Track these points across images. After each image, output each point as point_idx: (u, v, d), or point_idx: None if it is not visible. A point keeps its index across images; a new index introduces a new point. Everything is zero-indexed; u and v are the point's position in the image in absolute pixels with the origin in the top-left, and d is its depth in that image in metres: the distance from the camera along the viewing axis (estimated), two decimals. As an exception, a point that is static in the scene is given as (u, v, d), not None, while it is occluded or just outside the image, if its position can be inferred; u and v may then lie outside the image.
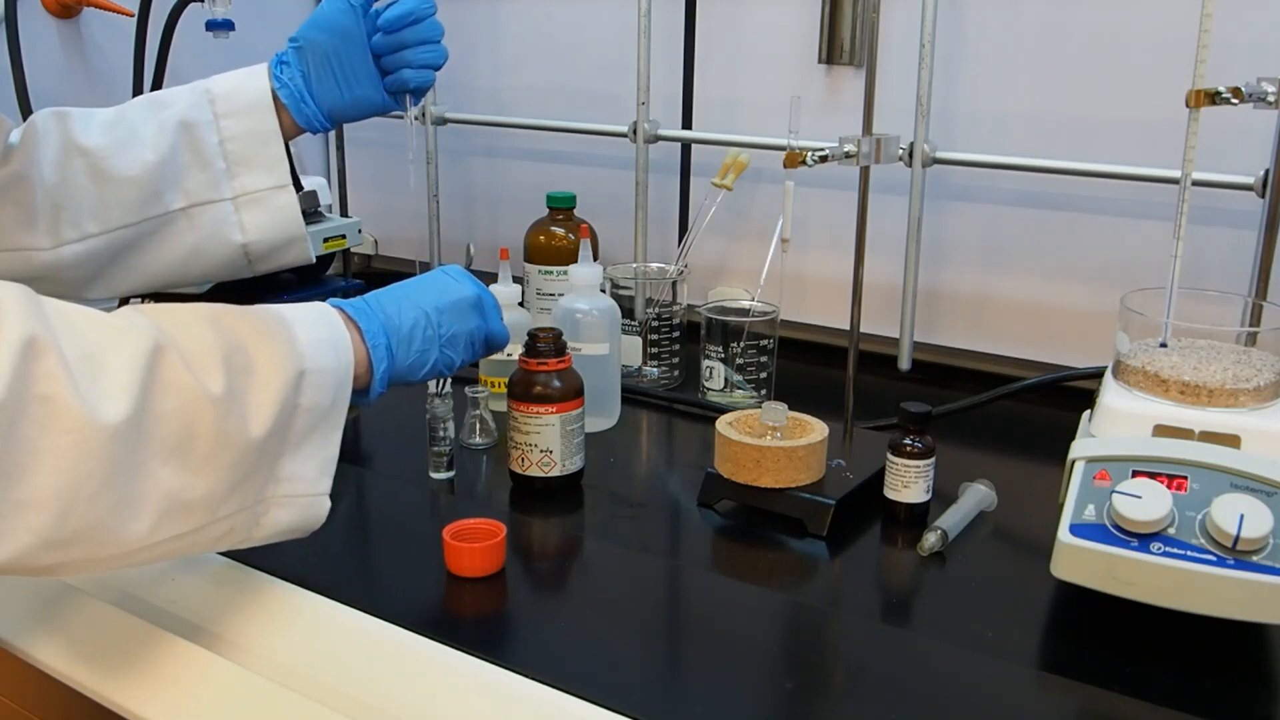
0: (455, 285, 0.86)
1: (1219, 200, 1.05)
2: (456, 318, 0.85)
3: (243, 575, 0.80)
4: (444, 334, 0.83)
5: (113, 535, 0.60)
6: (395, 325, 0.80)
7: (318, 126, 1.01)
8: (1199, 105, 0.82)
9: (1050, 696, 0.70)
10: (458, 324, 0.85)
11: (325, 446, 0.72)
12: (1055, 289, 1.20)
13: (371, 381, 0.79)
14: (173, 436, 0.62)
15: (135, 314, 0.65)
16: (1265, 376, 0.79)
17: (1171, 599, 0.70)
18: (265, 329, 0.70)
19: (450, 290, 0.86)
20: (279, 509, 0.71)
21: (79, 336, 0.59)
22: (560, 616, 0.77)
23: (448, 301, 0.84)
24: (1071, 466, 0.78)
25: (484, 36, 1.56)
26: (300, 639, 0.73)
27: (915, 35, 1.14)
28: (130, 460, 0.59)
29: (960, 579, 0.84)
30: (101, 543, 0.60)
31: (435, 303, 0.84)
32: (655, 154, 1.38)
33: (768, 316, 1.15)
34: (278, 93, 0.99)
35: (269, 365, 0.68)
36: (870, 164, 0.98)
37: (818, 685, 0.69)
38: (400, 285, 0.85)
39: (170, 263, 0.99)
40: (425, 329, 0.82)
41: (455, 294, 0.85)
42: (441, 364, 0.84)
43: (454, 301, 0.85)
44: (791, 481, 0.90)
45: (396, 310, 0.81)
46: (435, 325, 0.83)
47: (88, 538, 0.59)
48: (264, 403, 0.67)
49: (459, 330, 0.85)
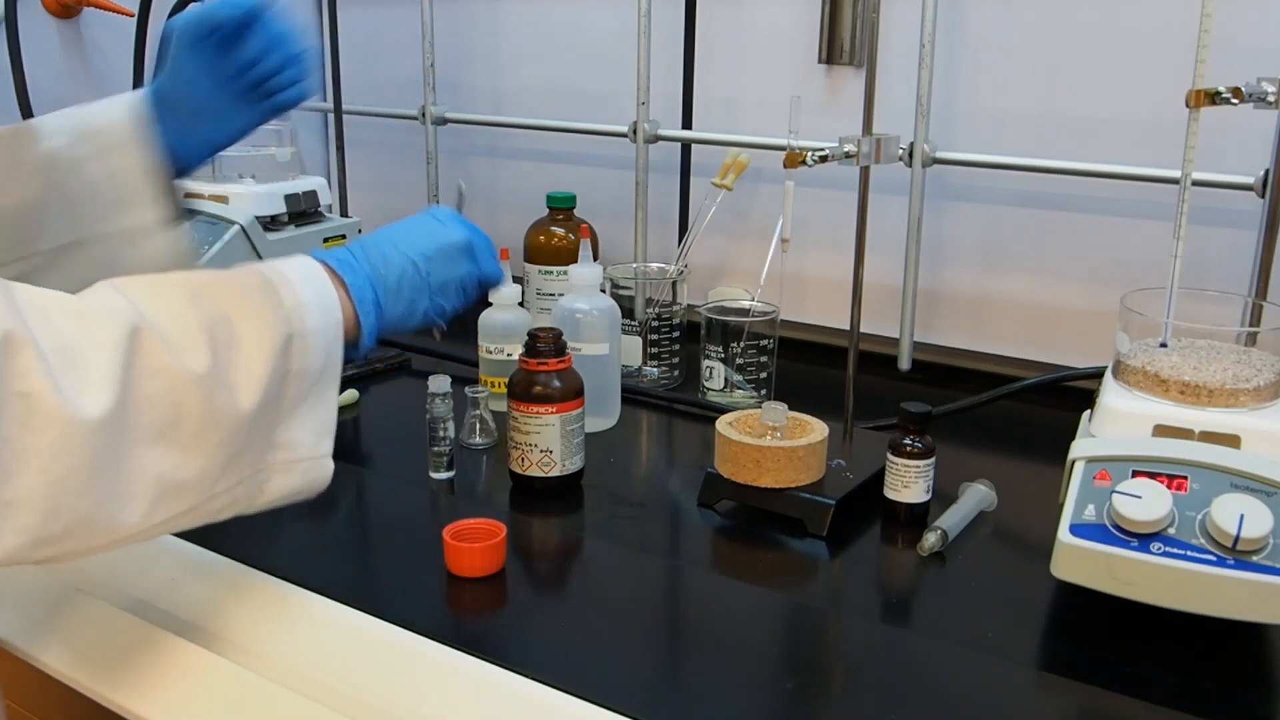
0: (443, 229, 0.82)
1: (1219, 200, 1.05)
2: (446, 264, 0.81)
3: (243, 576, 0.80)
4: (434, 282, 0.80)
5: (107, 525, 0.59)
6: (382, 275, 0.77)
7: (194, 165, 0.92)
8: (1199, 105, 0.82)
9: (1050, 696, 0.70)
10: (448, 270, 0.81)
11: (320, 408, 0.71)
12: (1055, 289, 1.20)
13: (360, 336, 0.76)
14: (159, 420, 0.60)
15: (111, 293, 0.63)
16: (1265, 376, 0.79)
17: (1171, 599, 0.70)
18: (248, 295, 0.68)
19: (439, 234, 0.82)
20: (280, 475, 0.70)
21: (54, 327, 0.58)
22: (560, 616, 0.77)
23: (436, 247, 0.81)
24: (1071, 466, 0.78)
25: (484, 36, 1.56)
26: (300, 639, 0.73)
27: (915, 35, 1.14)
28: (116, 450, 0.58)
29: (960, 579, 0.84)
30: (97, 533, 0.59)
31: (423, 249, 0.80)
32: (655, 154, 1.38)
33: (768, 316, 1.15)
34: (156, 133, 0.87)
35: (254, 335, 0.66)
36: (870, 164, 0.98)
37: (818, 685, 0.69)
38: (386, 230, 0.82)
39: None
40: (414, 278, 0.79)
41: (444, 238, 0.82)
42: (433, 312, 0.81)
43: (443, 247, 0.81)
44: (791, 481, 0.90)
45: (383, 260, 0.78)
46: (424, 273, 0.79)
47: (81, 530, 0.58)
48: (251, 375, 0.65)
49: (449, 277, 0.81)
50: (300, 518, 0.91)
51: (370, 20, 1.67)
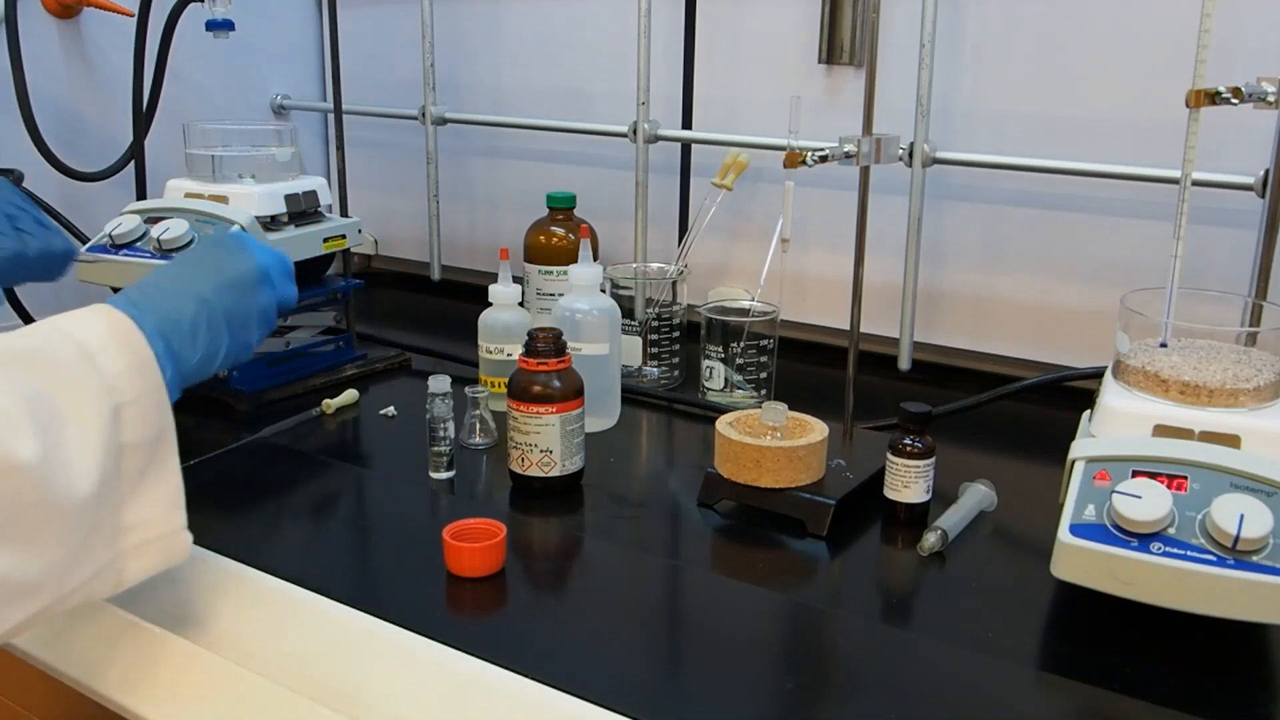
0: (231, 259, 0.76)
1: (1219, 200, 1.05)
2: (241, 296, 0.74)
3: (243, 575, 0.80)
4: (231, 318, 0.73)
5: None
6: (174, 322, 0.70)
7: None
8: (1199, 105, 0.82)
9: (1050, 696, 0.70)
10: (244, 302, 0.75)
11: (165, 478, 0.66)
12: (1055, 289, 1.20)
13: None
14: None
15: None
16: (1265, 376, 0.79)
17: (1171, 599, 0.70)
18: (65, 366, 0.61)
19: (227, 265, 0.75)
20: (136, 559, 0.64)
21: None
22: (560, 616, 0.77)
23: (227, 279, 0.74)
24: (1071, 466, 0.78)
25: (484, 36, 1.56)
26: (300, 639, 0.73)
27: (915, 35, 1.14)
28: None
29: (960, 579, 0.84)
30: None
31: (214, 282, 0.73)
32: (655, 154, 1.38)
33: (768, 316, 1.15)
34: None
35: (79, 410, 0.60)
36: (870, 164, 0.98)
37: (818, 685, 0.69)
38: (169, 269, 0.74)
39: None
40: (209, 317, 0.72)
41: (235, 269, 0.75)
42: (236, 350, 0.74)
43: (235, 279, 0.75)
44: (791, 481, 0.90)
45: (172, 304, 0.70)
46: (219, 311, 0.72)
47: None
48: (85, 455, 0.59)
49: (248, 310, 0.75)
50: (300, 518, 0.91)
51: (370, 20, 1.67)
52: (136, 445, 0.63)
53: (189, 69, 1.44)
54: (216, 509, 0.90)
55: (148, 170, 1.36)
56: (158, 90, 1.33)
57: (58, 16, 1.40)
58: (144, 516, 0.64)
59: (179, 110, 1.36)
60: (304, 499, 0.92)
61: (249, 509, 0.93)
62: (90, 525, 0.60)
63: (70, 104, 1.42)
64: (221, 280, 0.74)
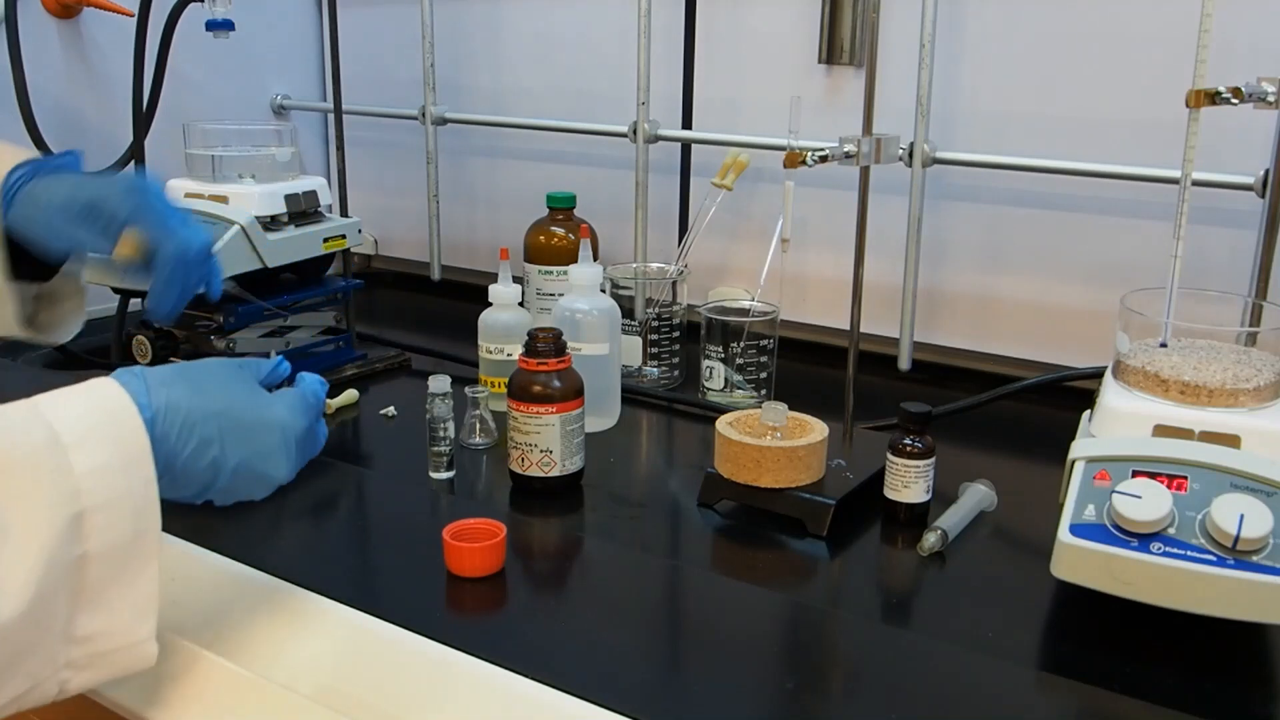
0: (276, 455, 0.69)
1: (1219, 200, 1.05)
2: (254, 483, 0.69)
3: (242, 575, 0.80)
4: (236, 488, 0.68)
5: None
6: (175, 453, 0.64)
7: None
8: (1199, 105, 0.82)
9: (1050, 696, 0.69)
10: (253, 486, 0.69)
11: (137, 585, 0.59)
12: (1055, 289, 1.20)
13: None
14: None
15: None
16: (1265, 376, 0.79)
17: (1171, 599, 0.70)
18: (24, 466, 0.55)
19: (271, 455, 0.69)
20: (85, 671, 0.59)
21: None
22: (560, 616, 0.77)
23: (261, 467, 0.69)
24: (1071, 466, 0.78)
25: (484, 36, 1.56)
26: (299, 639, 0.73)
27: (915, 35, 1.14)
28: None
29: (960, 579, 0.84)
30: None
31: (244, 458, 0.67)
32: (655, 154, 1.38)
33: (768, 316, 1.15)
34: None
35: (28, 521, 0.54)
36: (870, 164, 0.98)
37: (818, 685, 0.69)
38: (217, 402, 0.66)
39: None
40: (209, 481, 0.66)
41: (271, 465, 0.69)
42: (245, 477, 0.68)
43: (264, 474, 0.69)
44: (791, 481, 0.90)
45: (185, 441, 0.64)
46: (226, 484, 0.67)
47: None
48: (19, 572, 0.54)
49: (252, 489, 0.70)
50: (300, 518, 0.91)
51: (370, 20, 1.67)
52: (102, 553, 0.57)
53: (189, 69, 1.44)
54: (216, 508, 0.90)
55: (148, 170, 1.36)
56: (158, 90, 1.33)
57: (58, 16, 1.40)
58: (103, 627, 0.58)
59: (179, 110, 1.36)
60: (304, 499, 0.92)
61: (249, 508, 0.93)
62: (19, 646, 0.54)
63: (70, 104, 1.42)
64: (257, 462, 0.68)
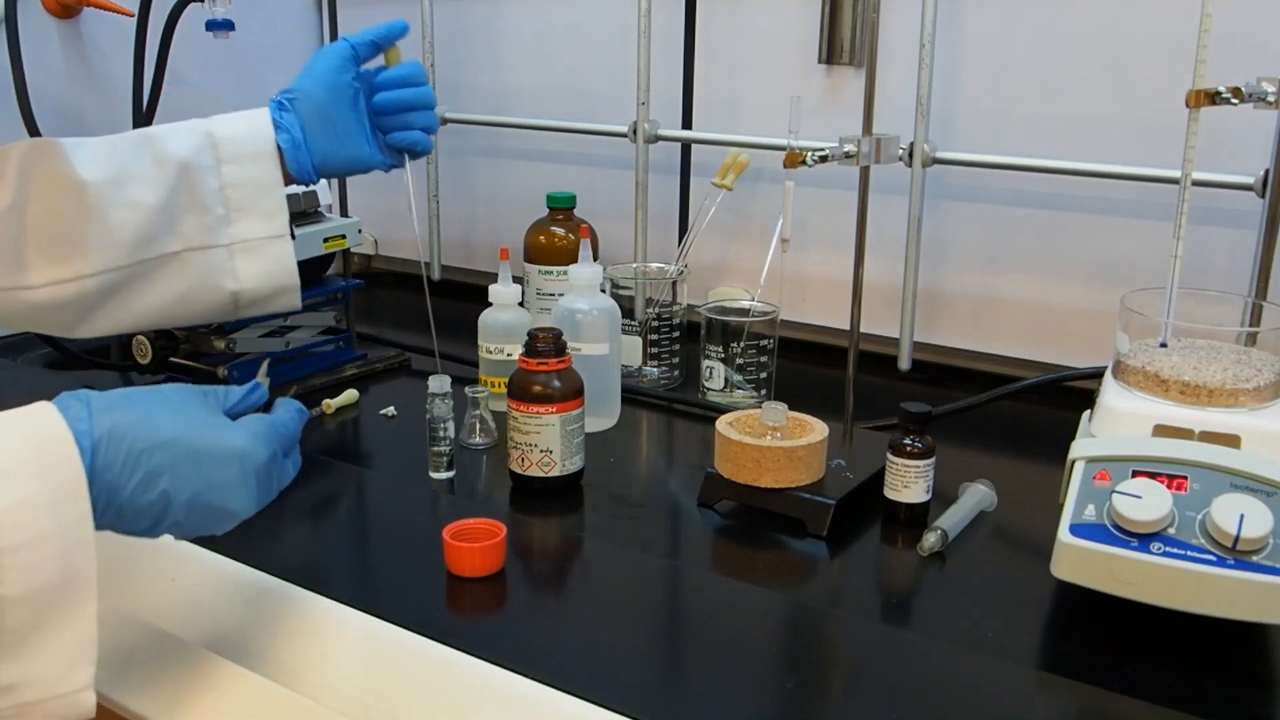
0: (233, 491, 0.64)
1: (1219, 200, 1.05)
2: (208, 517, 0.63)
3: (242, 575, 0.80)
4: (188, 523, 0.62)
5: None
6: (117, 486, 0.59)
7: (308, 179, 0.96)
8: (1199, 105, 0.82)
9: (1050, 696, 0.70)
10: (207, 520, 0.63)
11: (68, 629, 0.55)
12: (1055, 289, 1.20)
13: None
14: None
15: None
16: (1265, 376, 0.79)
17: (1171, 599, 0.70)
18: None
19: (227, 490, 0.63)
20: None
21: None
22: (560, 616, 0.77)
23: (213, 500, 0.62)
24: (1071, 466, 0.78)
25: (484, 36, 1.56)
26: (298, 639, 0.73)
27: (915, 35, 1.14)
28: None
29: (960, 579, 0.84)
30: None
31: (196, 491, 0.61)
32: (655, 154, 1.38)
33: (768, 316, 1.15)
34: (279, 141, 0.93)
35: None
36: (870, 164, 0.98)
37: (818, 685, 0.69)
38: (168, 427, 0.61)
39: (159, 305, 0.92)
40: (158, 511, 0.61)
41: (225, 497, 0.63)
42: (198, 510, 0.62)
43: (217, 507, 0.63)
44: (791, 481, 0.90)
45: (131, 469, 0.59)
46: (174, 516, 0.61)
47: None
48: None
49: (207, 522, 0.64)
50: (300, 518, 0.91)
51: (370, 20, 1.66)
52: (23, 596, 0.53)
53: (189, 69, 1.44)
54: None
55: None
56: (158, 90, 1.33)
57: (58, 16, 1.40)
58: (29, 676, 0.54)
59: (179, 110, 1.36)
60: (304, 499, 0.92)
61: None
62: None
63: (70, 104, 1.42)
64: (209, 495, 0.62)
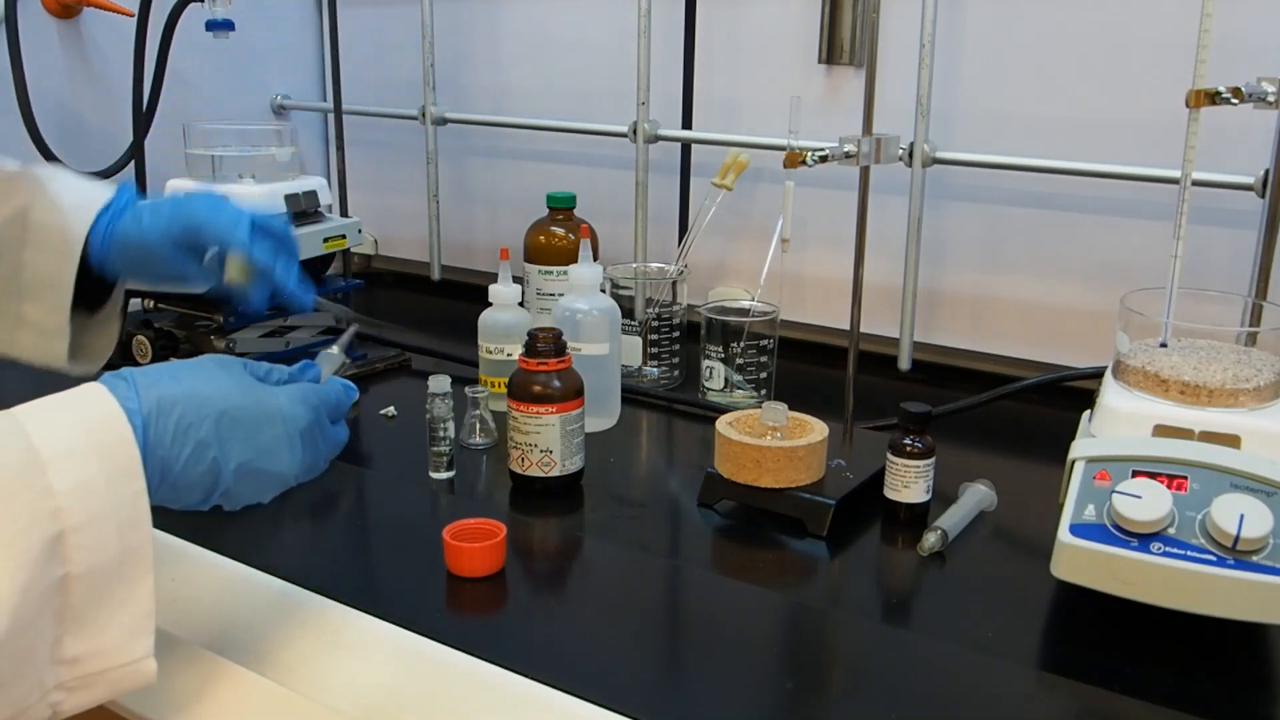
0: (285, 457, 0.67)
1: (1219, 200, 1.05)
2: (256, 484, 0.67)
3: (242, 575, 0.80)
4: (237, 494, 0.66)
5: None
6: (170, 461, 0.61)
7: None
8: (1199, 105, 0.82)
9: (1050, 696, 0.70)
10: (256, 488, 0.67)
11: (130, 603, 0.57)
12: (1055, 289, 1.20)
13: None
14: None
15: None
16: (1265, 376, 0.79)
17: (1171, 599, 0.70)
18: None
19: (277, 459, 0.66)
20: (77, 693, 0.57)
21: None
22: (560, 616, 0.77)
23: (264, 468, 0.66)
24: (1071, 466, 0.78)
25: (484, 36, 1.56)
26: (298, 638, 0.73)
27: (915, 35, 1.14)
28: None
29: (960, 579, 0.84)
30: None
31: (244, 458, 0.64)
32: (655, 154, 1.38)
33: (768, 316, 1.15)
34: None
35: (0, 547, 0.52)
36: (870, 164, 0.98)
37: (818, 685, 0.69)
38: (218, 403, 0.63)
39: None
40: (209, 487, 0.64)
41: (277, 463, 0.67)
42: (251, 477, 0.66)
43: (270, 471, 0.67)
44: (791, 481, 0.90)
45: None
46: (224, 490, 0.65)
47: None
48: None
49: (256, 495, 0.67)
50: (300, 518, 0.91)
51: (370, 20, 1.67)
52: (86, 574, 0.55)
53: (189, 69, 1.44)
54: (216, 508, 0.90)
55: (148, 170, 1.36)
56: (158, 90, 1.33)
57: (58, 16, 1.40)
58: (94, 648, 0.57)
59: (179, 110, 1.36)
60: (304, 499, 0.92)
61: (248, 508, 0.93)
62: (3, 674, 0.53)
63: (70, 104, 1.42)
64: (260, 464, 0.66)
